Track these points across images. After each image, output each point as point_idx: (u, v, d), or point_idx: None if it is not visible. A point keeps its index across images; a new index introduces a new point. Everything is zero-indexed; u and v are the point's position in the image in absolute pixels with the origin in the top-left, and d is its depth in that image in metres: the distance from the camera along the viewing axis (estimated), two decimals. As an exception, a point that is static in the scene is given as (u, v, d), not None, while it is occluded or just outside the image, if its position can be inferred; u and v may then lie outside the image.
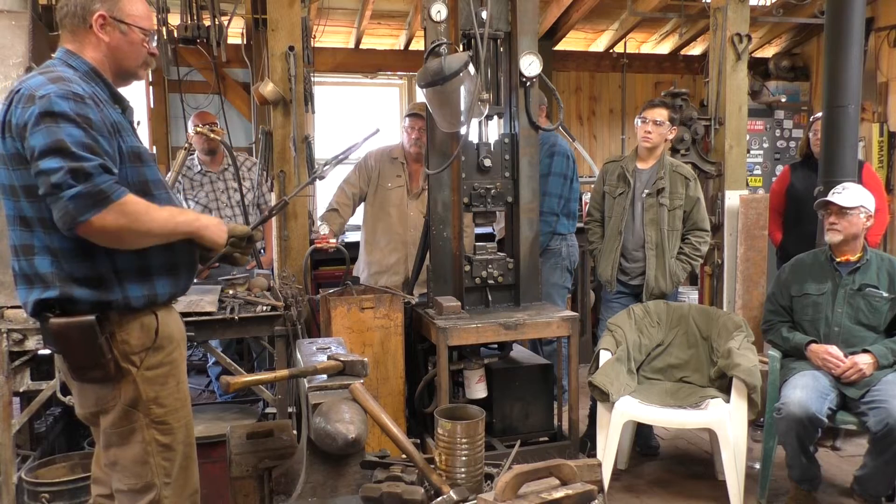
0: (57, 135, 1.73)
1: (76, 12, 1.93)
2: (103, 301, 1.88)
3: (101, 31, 1.93)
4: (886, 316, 3.17)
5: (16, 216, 1.88)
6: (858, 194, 3.21)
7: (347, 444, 1.84)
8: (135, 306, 1.93)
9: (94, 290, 1.87)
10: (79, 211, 1.73)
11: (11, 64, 2.97)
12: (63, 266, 1.85)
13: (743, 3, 4.35)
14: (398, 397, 3.21)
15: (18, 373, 2.89)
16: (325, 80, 6.12)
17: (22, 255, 1.89)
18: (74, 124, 1.76)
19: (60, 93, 1.77)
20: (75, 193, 1.71)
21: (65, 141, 1.73)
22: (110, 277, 1.88)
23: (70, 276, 1.85)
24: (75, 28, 1.94)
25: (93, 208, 1.73)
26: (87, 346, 1.85)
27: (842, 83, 3.56)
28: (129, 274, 1.91)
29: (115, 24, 1.94)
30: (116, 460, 1.98)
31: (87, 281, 1.86)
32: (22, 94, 1.80)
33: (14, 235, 1.90)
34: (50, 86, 1.79)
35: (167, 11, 3.60)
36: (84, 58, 1.94)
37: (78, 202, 1.72)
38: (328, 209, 4.11)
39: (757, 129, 6.37)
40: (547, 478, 1.66)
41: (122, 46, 1.97)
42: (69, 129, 1.75)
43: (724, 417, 3.11)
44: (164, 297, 2.00)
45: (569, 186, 4.12)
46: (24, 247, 1.88)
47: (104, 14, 1.93)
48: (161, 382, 1.98)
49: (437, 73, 2.98)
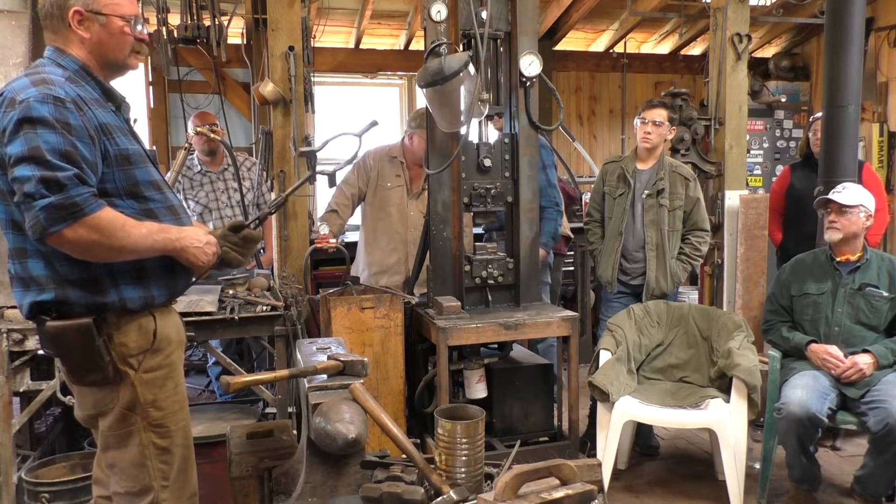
0: (33, 142, 1.69)
1: (53, 12, 1.87)
2: (98, 303, 1.86)
3: (80, 28, 1.87)
4: (886, 316, 3.17)
5: (8, 220, 1.85)
6: (858, 193, 3.21)
7: (347, 444, 1.84)
8: (131, 308, 1.90)
9: (89, 293, 1.84)
10: (49, 222, 1.69)
11: (11, 64, 2.97)
12: (57, 269, 1.83)
13: (743, 3, 4.35)
14: (398, 397, 3.21)
15: (18, 373, 2.89)
16: (325, 80, 6.12)
17: (16, 259, 1.87)
18: (52, 130, 1.71)
19: (40, 97, 1.73)
20: (46, 204, 1.68)
21: (41, 148, 1.69)
22: (105, 279, 1.86)
23: (65, 278, 1.83)
24: (56, 27, 1.89)
25: (64, 221, 1.70)
26: (84, 348, 1.83)
27: (842, 83, 3.56)
28: (125, 275, 1.88)
29: (93, 17, 1.87)
30: (114, 463, 1.97)
31: (81, 283, 1.84)
32: (5, 97, 1.77)
33: (8, 239, 1.88)
34: (31, 89, 1.75)
35: (167, 11, 3.60)
36: (73, 56, 1.89)
37: (49, 213, 1.69)
38: (328, 210, 4.11)
39: (757, 129, 6.37)
40: (547, 478, 1.66)
41: (105, 39, 1.90)
42: (46, 135, 1.71)
43: (724, 417, 3.11)
44: (161, 298, 1.98)
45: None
46: (18, 250, 1.86)
47: (79, 10, 1.86)
48: (159, 385, 1.97)
49: (437, 73, 2.98)
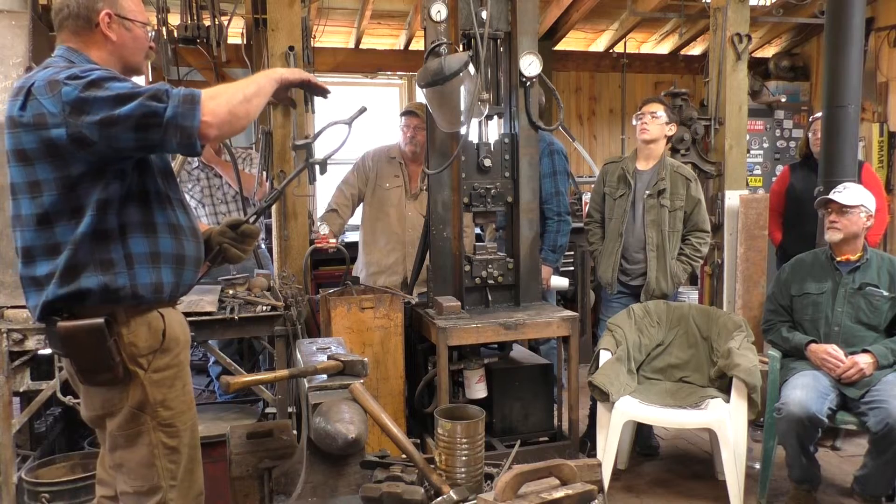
0: (110, 91, 1.72)
1: (79, 13, 1.91)
2: (112, 288, 1.85)
3: (108, 30, 1.93)
4: (887, 315, 3.17)
5: (34, 214, 1.83)
6: (859, 194, 3.21)
7: (347, 444, 1.84)
8: (142, 295, 1.90)
9: (103, 275, 1.83)
10: (188, 118, 1.70)
11: (11, 64, 2.97)
12: (78, 255, 1.82)
13: (743, 3, 4.34)
14: (398, 397, 3.21)
15: (18, 373, 2.90)
16: (325, 80, 6.06)
17: (40, 255, 1.85)
18: (116, 79, 1.76)
19: (82, 68, 1.78)
20: (173, 107, 1.69)
21: (120, 90, 1.72)
22: (121, 262, 1.86)
23: (82, 263, 1.82)
24: (79, 29, 1.92)
25: (195, 106, 1.71)
26: (95, 348, 1.84)
27: (842, 83, 3.56)
28: (140, 258, 1.89)
29: (119, 21, 1.94)
30: (122, 462, 1.97)
31: (95, 265, 1.83)
32: (39, 86, 1.77)
33: (29, 237, 1.85)
34: (67, 70, 1.78)
35: (167, 11, 3.59)
36: (87, 55, 1.93)
37: (181, 110, 1.70)
38: (327, 210, 4.12)
39: (757, 129, 6.37)
40: (547, 478, 1.66)
41: (128, 43, 1.97)
42: (113, 83, 1.74)
43: (724, 417, 3.11)
44: (169, 287, 1.97)
45: (570, 183, 4.15)
46: (46, 247, 1.84)
47: (110, 12, 1.92)
48: (168, 385, 1.97)
49: (437, 73, 2.98)
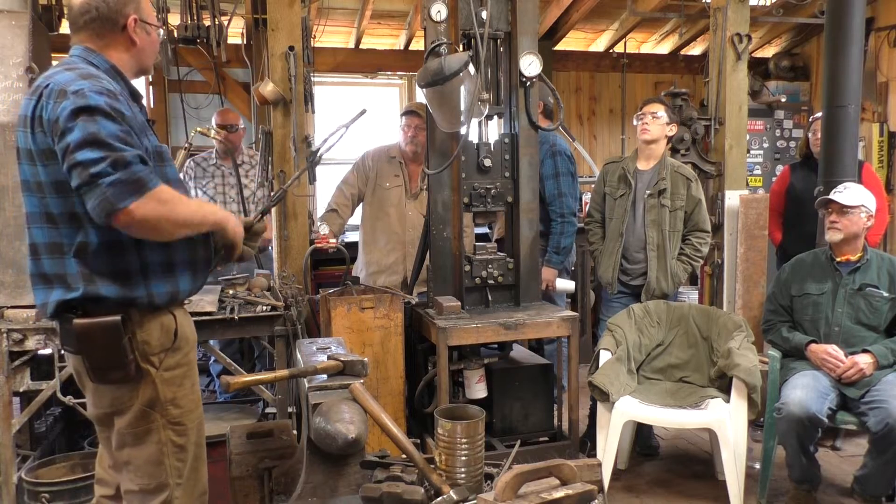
0: (94, 128, 1.73)
1: (107, 16, 1.94)
2: (128, 297, 1.87)
3: (134, 34, 1.97)
4: (886, 316, 3.17)
5: (40, 213, 1.86)
6: (860, 194, 3.21)
7: (347, 444, 1.84)
8: (158, 303, 1.93)
9: (121, 287, 1.86)
10: (118, 198, 1.71)
11: (11, 64, 2.97)
12: (90, 263, 1.84)
13: (743, 3, 4.34)
14: (398, 397, 3.21)
15: (18, 373, 2.90)
16: (325, 80, 6.12)
17: (45, 254, 1.87)
18: (110, 119, 1.76)
19: (95, 88, 1.78)
20: (114, 180, 1.71)
21: (102, 133, 1.73)
22: (136, 273, 1.89)
23: (97, 272, 1.84)
24: (104, 31, 1.95)
25: (132, 195, 1.72)
26: (110, 346, 1.85)
27: (842, 83, 3.56)
28: (155, 269, 1.92)
29: (143, 25, 1.99)
30: (130, 460, 1.98)
31: (113, 276, 1.86)
32: (52, 89, 1.80)
33: (37, 234, 1.88)
34: (82, 81, 1.79)
35: (167, 11, 3.59)
36: (105, 56, 1.95)
37: (117, 189, 1.71)
38: (327, 210, 4.12)
39: (757, 129, 6.37)
40: (547, 478, 1.67)
41: (147, 46, 2.03)
42: (105, 123, 1.75)
43: (724, 417, 3.10)
44: (185, 292, 2.02)
45: (576, 185, 4.14)
46: (51, 245, 1.86)
47: (136, 17, 1.96)
48: (178, 383, 1.99)
49: (437, 73, 2.98)
